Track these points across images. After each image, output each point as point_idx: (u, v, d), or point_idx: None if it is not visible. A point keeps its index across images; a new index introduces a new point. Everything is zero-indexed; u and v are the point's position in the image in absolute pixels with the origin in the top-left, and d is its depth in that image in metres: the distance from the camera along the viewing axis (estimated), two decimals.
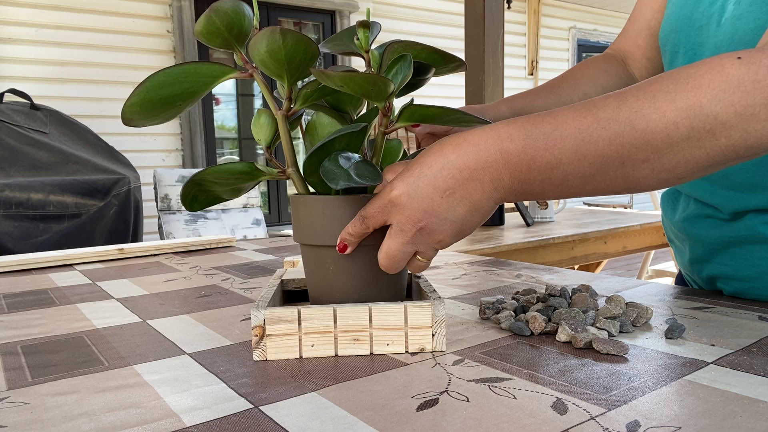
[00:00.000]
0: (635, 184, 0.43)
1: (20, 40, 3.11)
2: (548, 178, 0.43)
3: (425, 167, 0.44)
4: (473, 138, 0.44)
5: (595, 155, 0.42)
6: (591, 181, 0.43)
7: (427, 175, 0.43)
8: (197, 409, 0.39)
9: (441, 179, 0.43)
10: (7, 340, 0.56)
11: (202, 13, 0.47)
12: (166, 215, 2.77)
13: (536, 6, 5.34)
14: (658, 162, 0.42)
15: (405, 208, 0.44)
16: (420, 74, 0.51)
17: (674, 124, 0.40)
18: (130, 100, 0.46)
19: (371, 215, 0.46)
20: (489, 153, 0.43)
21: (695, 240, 0.67)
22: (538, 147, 0.42)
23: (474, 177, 0.43)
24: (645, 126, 0.41)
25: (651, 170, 0.42)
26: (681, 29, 0.64)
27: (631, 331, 0.52)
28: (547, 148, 0.42)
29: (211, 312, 0.65)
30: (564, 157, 0.42)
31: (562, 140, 0.42)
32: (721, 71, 0.40)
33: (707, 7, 0.61)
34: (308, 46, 0.46)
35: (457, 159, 0.43)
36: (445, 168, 0.43)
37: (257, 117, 0.52)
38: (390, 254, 0.46)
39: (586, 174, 0.43)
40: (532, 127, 0.43)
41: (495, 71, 2.18)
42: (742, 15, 0.56)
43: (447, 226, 0.45)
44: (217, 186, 0.53)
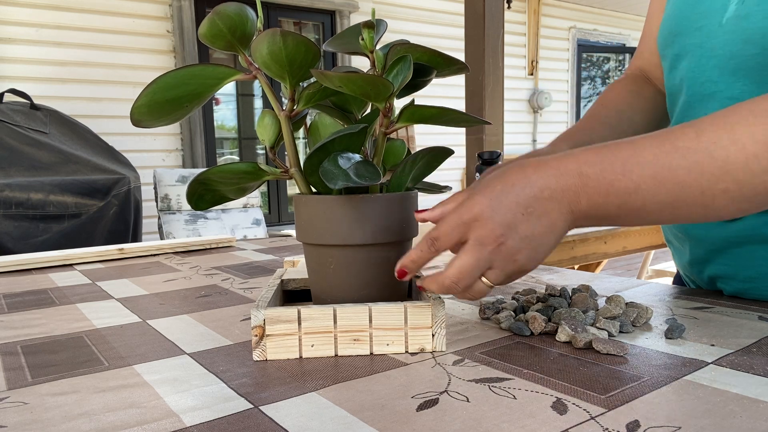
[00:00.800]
0: (715, 212, 0.44)
1: (20, 40, 3.11)
2: (626, 203, 0.43)
3: (507, 185, 0.44)
4: (554, 162, 0.44)
5: (674, 183, 0.42)
6: (669, 209, 0.43)
7: (510, 192, 0.43)
8: (197, 409, 0.39)
9: (523, 197, 0.43)
10: (7, 340, 0.56)
11: (202, 14, 0.47)
12: (166, 215, 2.77)
13: (536, 6, 5.34)
14: (739, 192, 0.42)
15: (488, 222, 0.43)
16: (422, 76, 0.52)
17: (755, 156, 0.41)
18: (138, 102, 0.47)
19: (444, 234, 0.44)
20: (568, 176, 0.44)
21: (696, 240, 0.67)
22: (616, 172, 0.43)
23: (554, 198, 0.44)
24: (725, 156, 0.41)
25: (731, 200, 0.43)
26: (681, 32, 0.64)
27: (631, 331, 0.52)
28: (624, 173, 0.43)
29: (211, 312, 0.65)
30: (642, 182, 0.43)
31: (640, 166, 0.43)
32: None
33: (707, 7, 0.60)
34: (309, 48, 0.46)
35: (539, 180, 0.44)
36: (528, 187, 0.44)
37: (261, 118, 0.53)
38: (462, 270, 0.44)
39: (664, 201, 0.43)
40: (609, 153, 0.44)
41: (495, 71, 2.18)
42: (749, 14, 0.55)
43: (525, 245, 0.44)
44: (222, 185, 0.53)
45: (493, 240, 0.43)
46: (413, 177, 0.54)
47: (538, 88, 5.49)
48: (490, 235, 0.43)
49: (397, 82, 0.48)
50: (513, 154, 5.25)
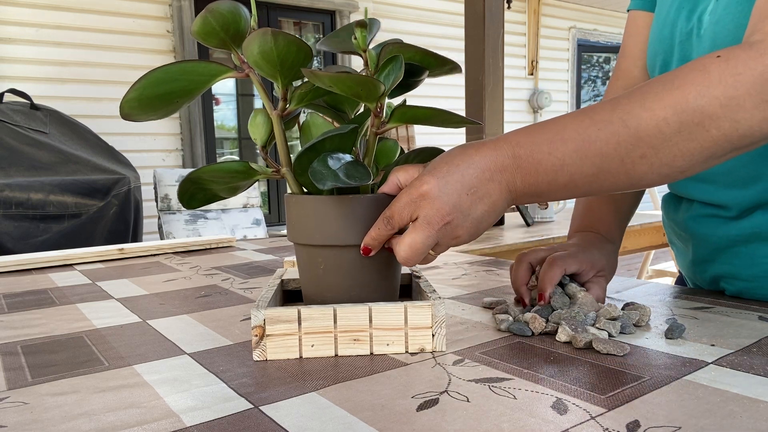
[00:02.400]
0: (638, 180, 0.46)
1: (20, 40, 3.11)
2: (554, 179, 0.46)
3: (452, 166, 0.46)
4: (491, 144, 0.47)
5: (595, 154, 0.45)
6: (595, 180, 0.46)
7: (455, 173, 0.46)
8: (197, 409, 0.39)
9: (468, 177, 0.46)
10: (7, 340, 0.56)
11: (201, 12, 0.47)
12: (166, 215, 2.77)
13: (536, 6, 5.34)
14: (656, 157, 0.45)
15: (435, 201, 0.45)
16: (414, 76, 0.52)
17: (664, 120, 0.44)
18: (128, 95, 0.47)
19: (397, 212, 0.47)
20: (504, 157, 0.46)
21: (699, 239, 0.67)
22: (543, 151, 0.46)
23: (493, 178, 0.46)
24: (637, 124, 0.44)
25: (650, 165, 0.45)
26: (665, 50, 0.66)
27: (632, 332, 0.52)
28: (551, 151, 0.46)
29: (211, 312, 0.65)
30: (567, 158, 0.46)
31: (563, 143, 0.46)
32: (702, 69, 0.44)
33: (684, 24, 0.63)
34: (300, 48, 0.46)
35: (480, 161, 0.46)
36: (470, 167, 0.46)
37: (253, 117, 0.53)
38: (414, 246, 0.46)
39: (589, 173, 0.46)
40: (537, 134, 0.47)
41: (495, 71, 2.18)
42: (719, 20, 0.57)
43: (468, 223, 0.47)
44: (213, 184, 0.53)
45: (440, 219, 0.46)
46: None
47: (538, 88, 5.49)
48: (437, 214, 0.46)
49: (389, 83, 0.48)
50: None
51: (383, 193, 0.50)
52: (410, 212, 0.47)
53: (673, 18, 0.64)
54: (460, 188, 0.46)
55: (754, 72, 0.43)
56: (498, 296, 0.68)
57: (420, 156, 0.54)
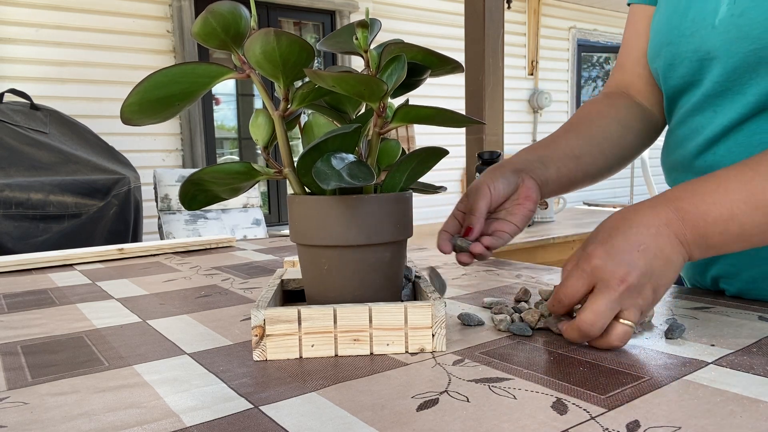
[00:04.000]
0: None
1: (20, 40, 3.11)
2: (726, 230, 0.46)
3: (614, 230, 0.47)
4: (647, 202, 0.48)
5: (766, 204, 0.45)
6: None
7: (618, 236, 0.46)
8: (197, 409, 0.39)
9: (632, 235, 0.46)
10: (7, 340, 0.56)
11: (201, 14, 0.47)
12: (166, 215, 2.77)
13: (536, 6, 5.34)
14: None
15: (607, 265, 0.45)
16: (416, 75, 0.52)
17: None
18: (129, 99, 0.47)
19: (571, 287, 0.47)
20: (666, 212, 0.47)
21: None
22: (707, 202, 0.46)
23: (660, 233, 0.46)
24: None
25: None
26: (672, 41, 0.65)
27: (640, 332, 0.52)
28: (715, 202, 0.46)
29: (211, 312, 0.65)
30: (735, 208, 0.46)
31: (727, 193, 0.46)
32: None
33: (697, 14, 0.62)
34: (303, 48, 0.46)
35: (642, 219, 0.47)
36: (633, 227, 0.46)
37: (255, 117, 0.52)
38: (595, 311, 0.45)
39: (763, 222, 0.46)
40: (697, 187, 0.47)
41: (495, 71, 2.18)
42: (744, 12, 0.56)
43: (647, 281, 0.45)
44: (215, 185, 0.53)
45: (617, 280, 0.45)
46: (408, 177, 0.53)
47: (538, 88, 5.49)
48: (613, 276, 0.45)
49: (391, 82, 0.48)
50: (513, 154, 5.24)
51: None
52: (586, 286, 0.46)
53: (684, 8, 0.63)
54: (629, 247, 0.45)
55: None
56: (498, 296, 0.68)
57: (423, 155, 0.54)
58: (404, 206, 0.52)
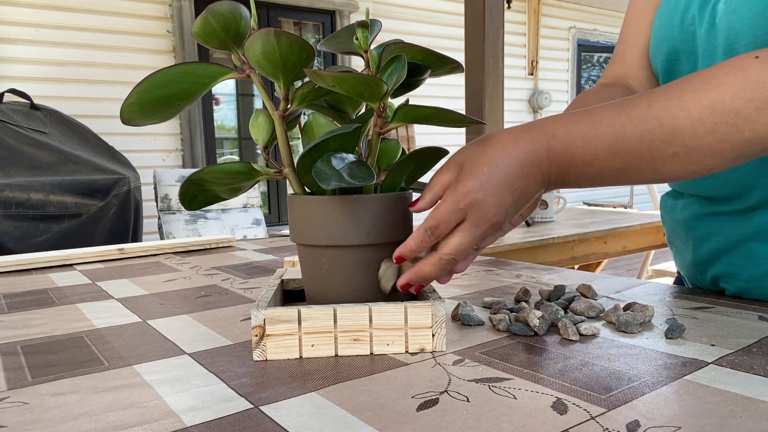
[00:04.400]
0: (664, 175, 0.47)
1: (20, 40, 3.11)
2: (584, 171, 0.48)
3: (493, 166, 0.47)
4: (527, 135, 0.48)
5: (627, 151, 0.46)
6: (623, 174, 0.47)
7: (497, 173, 0.47)
8: (197, 409, 0.39)
9: (509, 175, 0.47)
10: (7, 340, 0.56)
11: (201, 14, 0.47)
12: (166, 215, 2.77)
13: (536, 6, 5.34)
14: (686, 156, 0.46)
15: (482, 205, 0.46)
16: (416, 75, 0.52)
17: (699, 120, 0.44)
18: (129, 99, 0.47)
19: (443, 221, 0.47)
20: (540, 151, 0.47)
21: (700, 239, 0.67)
22: (577, 146, 0.47)
23: (531, 173, 0.47)
24: (673, 123, 0.45)
25: (680, 163, 0.46)
26: (674, 37, 0.65)
27: (639, 331, 0.52)
28: (584, 146, 0.47)
29: (211, 312, 0.65)
30: (599, 153, 0.47)
31: (597, 138, 0.47)
32: (741, 70, 0.44)
33: (697, 11, 0.62)
34: (303, 48, 0.46)
35: (518, 156, 0.47)
36: (510, 165, 0.47)
37: (255, 117, 0.52)
38: (461, 247, 0.47)
39: (618, 168, 0.47)
40: (572, 126, 0.48)
41: (495, 71, 2.18)
42: (736, 8, 0.57)
43: (509, 217, 0.48)
44: (215, 185, 0.53)
45: (487, 221, 0.47)
46: (408, 177, 0.53)
47: (538, 88, 5.49)
48: (485, 216, 0.46)
49: (391, 82, 0.48)
50: None
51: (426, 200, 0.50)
52: (457, 219, 0.47)
53: (684, 5, 0.64)
54: (503, 188, 0.46)
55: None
56: (498, 296, 0.68)
57: (423, 155, 0.54)
58: (404, 206, 0.52)
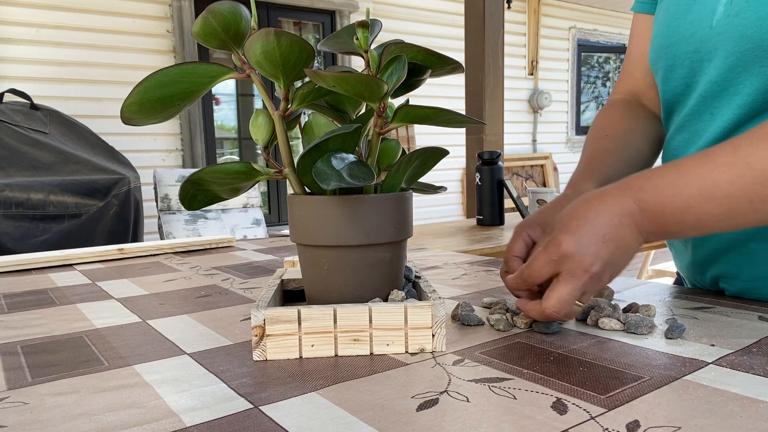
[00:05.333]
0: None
1: (20, 40, 3.11)
2: (682, 220, 0.49)
3: (582, 220, 0.49)
4: (614, 192, 0.50)
5: (721, 196, 0.47)
6: (725, 219, 0.48)
7: (586, 226, 0.48)
8: (197, 409, 0.39)
9: (599, 227, 0.48)
10: (7, 340, 0.56)
11: (201, 14, 0.47)
12: (166, 215, 2.77)
13: (536, 6, 5.34)
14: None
15: (575, 256, 0.48)
16: (416, 75, 0.52)
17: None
18: (129, 99, 0.47)
19: (536, 272, 0.49)
20: (629, 203, 0.49)
21: (700, 239, 0.67)
22: (666, 195, 0.48)
23: (624, 223, 0.49)
24: (762, 166, 0.46)
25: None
26: (673, 43, 0.65)
27: (645, 333, 0.51)
28: (675, 195, 0.48)
29: (211, 312, 0.65)
30: (692, 200, 0.48)
31: (687, 186, 0.48)
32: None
33: (696, 15, 0.62)
34: (303, 48, 0.46)
35: (607, 209, 0.49)
36: (599, 217, 0.49)
37: (255, 117, 0.52)
38: (562, 300, 0.48)
39: (716, 213, 0.48)
40: (658, 178, 0.49)
41: (495, 71, 2.18)
42: (740, 12, 0.57)
43: (608, 268, 0.49)
44: (215, 185, 0.53)
45: (583, 271, 0.48)
46: (408, 177, 0.53)
47: (538, 88, 5.49)
48: (579, 267, 0.48)
49: (392, 82, 0.48)
50: (513, 154, 5.25)
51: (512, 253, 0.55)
52: (551, 272, 0.49)
53: (684, 11, 0.64)
54: (596, 238, 0.48)
55: None
56: (498, 296, 0.68)
57: (423, 155, 0.54)
58: (404, 206, 0.52)
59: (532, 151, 5.50)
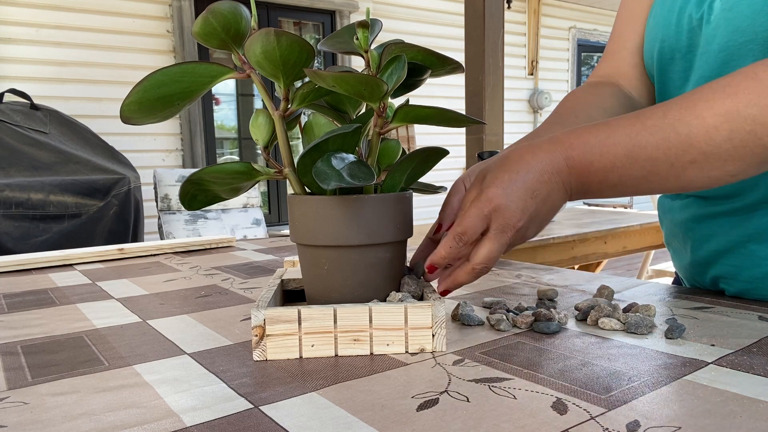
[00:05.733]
0: (688, 182, 0.48)
1: (20, 40, 3.11)
2: (605, 179, 0.49)
3: (513, 173, 0.49)
4: (545, 146, 0.50)
5: (645, 158, 0.47)
6: (644, 182, 0.49)
7: (517, 180, 0.48)
8: (197, 409, 0.39)
9: (529, 182, 0.48)
10: (7, 340, 0.56)
11: (201, 13, 0.47)
12: (166, 215, 2.77)
13: (536, 6, 5.34)
14: (706, 162, 0.46)
15: (506, 211, 0.48)
16: (416, 75, 0.52)
17: (714, 127, 0.45)
18: (129, 98, 0.47)
19: (470, 228, 0.48)
20: (558, 160, 0.49)
21: (699, 240, 0.67)
22: (594, 153, 0.48)
23: (552, 180, 0.49)
24: (688, 131, 0.46)
25: (700, 170, 0.47)
26: (669, 35, 0.65)
27: (646, 333, 0.52)
28: (602, 154, 0.48)
29: (211, 312, 0.65)
30: (617, 161, 0.48)
31: (614, 146, 0.48)
32: (755, 78, 0.45)
33: (694, 10, 0.62)
34: (303, 48, 0.46)
35: (537, 164, 0.49)
36: (530, 172, 0.49)
37: (255, 117, 0.52)
38: (491, 255, 0.49)
39: (638, 176, 0.48)
40: (589, 136, 0.49)
41: (495, 71, 2.18)
42: (734, 6, 0.57)
43: (533, 223, 0.50)
44: (215, 185, 0.53)
45: (512, 225, 0.48)
46: (408, 177, 0.53)
47: (538, 88, 5.49)
48: (509, 221, 0.48)
49: (392, 82, 0.48)
50: None
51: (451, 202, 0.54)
52: (483, 226, 0.49)
53: (680, 3, 0.64)
54: (525, 193, 0.48)
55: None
56: (498, 296, 0.68)
57: (424, 155, 0.54)
58: (404, 206, 0.52)
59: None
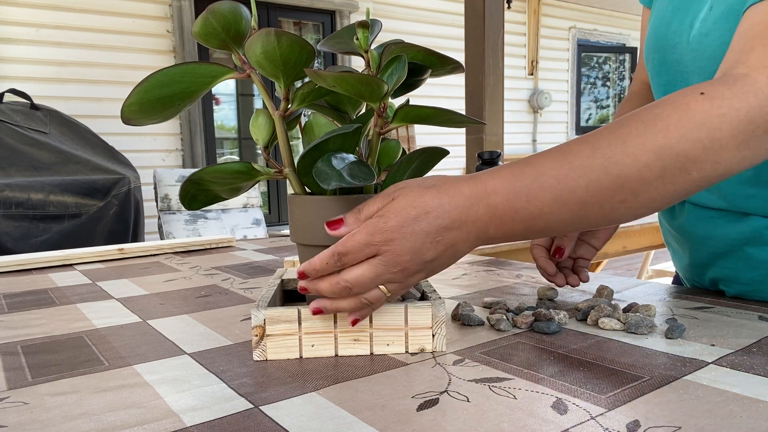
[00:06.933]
0: (614, 220, 0.46)
1: (20, 40, 3.11)
2: (531, 226, 0.45)
3: (422, 213, 0.43)
4: (465, 189, 0.45)
5: (574, 203, 0.44)
6: (571, 224, 0.46)
7: (423, 220, 0.43)
8: (197, 409, 0.39)
9: (435, 227, 0.44)
10: (7, 340, 0.56)
11: (201, 13, 0.47)
12: (166, 215, 2.77)
13: (536, 6, 5.34)
14: (635, 201, 0.44)
15: (396, 248, 0.43)
16: (416, 75, 0.52)
17: (647, 166, 0.43)
18: (129, 99, 0.47)
19: (353, 252, 0.44)
20: (478, 207, 0.44)
21: (697, 243, 0.67)
22: (521, 200, 0.44)
23: (462, 228, 0.44)
24: (619, 171, 0.43)
25: (628, 209, 0.45)
26: (659, 48, 0.66)
27: (646, 333, 0.52)
28: (529, 200, 0.44)
29: (211, 312, 0.65)
30: (545, 207, 0.44)
31: (542, 191, 0.44)
32: (686, 110, 0.43)
33: (678, 26, 0.62)
34: (303, 48, 0.46)
35: (452, 211, 0.44)
36: (440, 218, 0.44)
37: (255, 117, 0.52)
38: (362, 279, 0.44)
39: (567, 219, 0.45)
40: (514, 179, 0.45)
41: (495, 71, 2.18)
42: (708, 33, 0.57)
43: (425, 268, 0.45)
44: (215, 185, 0.53)
45: (398, 264, 0.44)
46: (408, 177, 0.53)
47: (538, 88, 5.49)
48: (396, 259, 0.43)
49: (392, 82, 0.48)
50: (513, 154, 5.25)
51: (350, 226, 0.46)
52: (368, 254, 0.44)
53: (669, 18, 0.64)
54: (425, 237, 0.43)
55: (739, 113, 0.42)
56: (498, 296, 0.68)
57: (424, 156, 0.54)
58: None
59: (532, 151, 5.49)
